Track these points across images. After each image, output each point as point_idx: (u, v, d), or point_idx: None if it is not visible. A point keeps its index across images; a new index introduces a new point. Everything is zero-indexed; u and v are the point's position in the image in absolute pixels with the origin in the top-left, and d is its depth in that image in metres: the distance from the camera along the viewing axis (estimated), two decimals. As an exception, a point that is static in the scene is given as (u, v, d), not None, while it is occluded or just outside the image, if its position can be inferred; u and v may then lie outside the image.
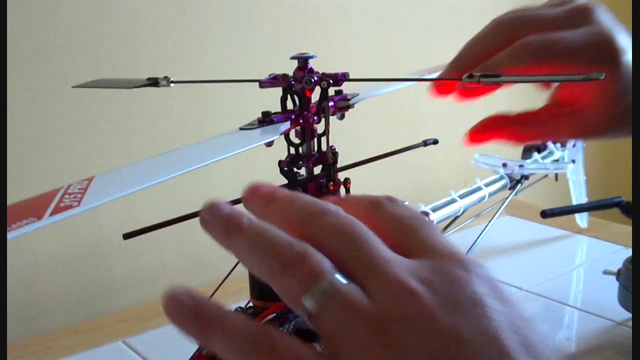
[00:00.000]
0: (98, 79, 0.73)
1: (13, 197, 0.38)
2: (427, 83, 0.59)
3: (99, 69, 0.87)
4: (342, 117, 0.57)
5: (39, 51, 0.83)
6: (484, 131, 0.52)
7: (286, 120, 0.52)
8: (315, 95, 0.54)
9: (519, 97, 1.37)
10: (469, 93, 0.53)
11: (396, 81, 0.65)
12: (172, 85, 0.60)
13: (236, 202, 0.50)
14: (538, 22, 0.50)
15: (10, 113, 0.81)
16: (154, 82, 0.60)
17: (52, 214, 0.35)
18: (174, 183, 0.95)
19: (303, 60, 0.54)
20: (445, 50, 1.34)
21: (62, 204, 0.36)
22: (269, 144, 0.49)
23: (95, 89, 0.86)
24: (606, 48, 0.47)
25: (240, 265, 0.57)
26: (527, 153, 0.89)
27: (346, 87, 0.57)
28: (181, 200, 0.96)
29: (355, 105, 0.58)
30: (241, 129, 0.50)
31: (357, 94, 0.58)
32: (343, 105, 0.56)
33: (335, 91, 0.56)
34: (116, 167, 0.46)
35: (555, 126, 0.50)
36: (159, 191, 0.94)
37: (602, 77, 0.41)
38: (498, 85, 0.45)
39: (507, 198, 0.78)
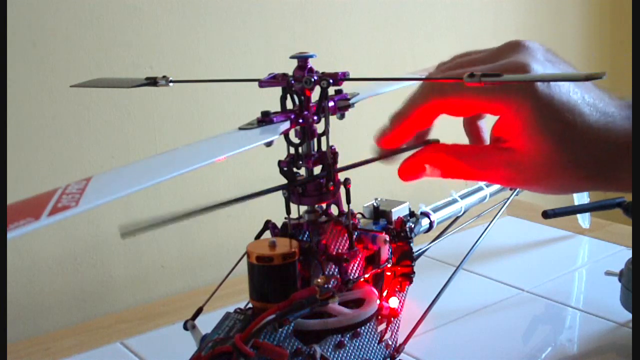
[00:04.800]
0: (96, 79, 0.72)
1: (13, 197, 0.38)
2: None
3: (98, 69, 0.87)
4: (342, 116, 0.57)
5: (38, 51, 0.83)
6: (416, 166, 0.49)
7: (285, 120, 0.51)
8: (315, 95, 0.54)
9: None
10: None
11: (396, 80, 0.64)
12: (170, 84, 0.59)
13: (232, 202, 0.50)
14: (468, 63, 0.48)
15: (9, 113, 0.80)
16: (152, 82, 0.60)
17: (49, 214, 0.34)
18: (173, 183, 0.94)
19: (303, 60, 0.53)
20: (446, 50, 1.33)
21: (59, 204, 0.35)
22: (268, 144, 0.49)
23: (94, 88, 0.86)
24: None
25: (239, 265, 0.57)
26: None
27: (346, 87, 0.56)
28: (181, 201, 0.95)
29: (355, 104, 0.57)
30: (240, 128, 0.50)
31: (357, 94, 0.58)
32: (343, 104, 0.56)
33: (335, 91, 0.56)
34: (116, 167, 0.45)
35: (490, 163, 0.45)
36: (158, 191, 0.94)
37: (604, 77, 0.41)
38: (499, 83, 0.44)
39: (508, 198, 0.78)
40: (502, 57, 0.46)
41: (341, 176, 0.56)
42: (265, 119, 0.51)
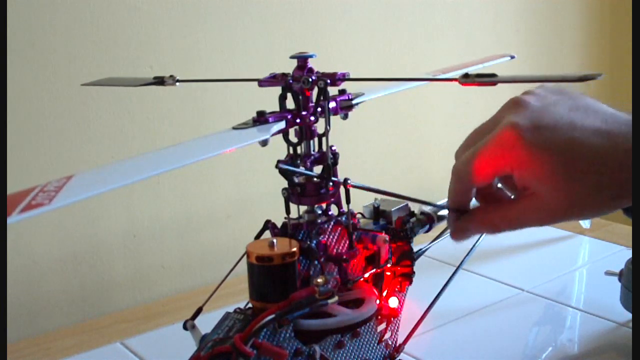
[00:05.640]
0: (106, 78, 0.73)
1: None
2: (431, 83, 0.59)
3: (99, 69, 0.87)
4: (345, 116, 0.57)
5: (38, 51, 0.83)
6: (465, 229, 0.52)
7: (281, 120, 0.51)
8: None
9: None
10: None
11: (396, 81, 0.64)
12: (177, 84, 0.60)
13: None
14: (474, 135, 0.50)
15: (9, 113, 0.80)
16: (160, 81, 0.60)
17: (21, 211, 0.35)
18: (174, 183, 0.94)
19: (302, 60, 0.53)
20: (446, 50, 1.34)
21: (33, 202, 0.36)
22: (263, 144, 0.49)
23: (95, 89, 0.86)
24: (507, 139, 0.45)
25: (239, 265, 0.57)
26: None
27: (351, 87, 0.56)
28: (181, 201, 0.95)
29: (359, 105, 0.57)
30: (234, 128, 0.50)
31: (362, 94, 0.58)
32: (346, 105, 0.56)
33: (338, 91, 0.56)
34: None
35: (523, 212, 0.48)
36: (159, 192, 0.94)
37: (601, 77, 0.41)
38: (493, 84, 0.44)
39: (508, 198, 0.78)
40: (499, 119, 0.47)
41: (341, 176, 0.56)
42: (260, 118, 0.51)
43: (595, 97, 0.47)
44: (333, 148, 0.55)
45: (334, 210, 0.56)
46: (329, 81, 0.52)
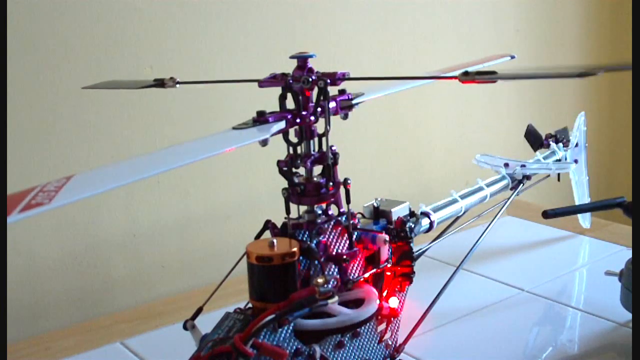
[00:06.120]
0: (106, 81, 0.73)
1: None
2: (431, 83, 0.59)
3: (99, 69, 0.87)
4: (345, 117, 0.57)
5: (38, 51, 0.83)
6: None
7: (281, 120, 0.51)
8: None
9: (519, 96, 1.37)
10: None
11: (396, 80, 0.64)
12: (177, 86, 0.60)
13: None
14: None
15: (9, 114, 0.80)
16: (160, 83, 0.60)
17: (21, 210, 0.35)
18: (174, 183, 0.94)
19: (302, 60, 0.54)
20: (446, 50, 1.33)
21: (33, 202, 0.36)
22: (264, 143, 0.49)
23: (94, 90, 0.86)
24: None
25: (239, 265, 0.57)
26: (537, 144, 0.88)
27: (351, 87, 0.56)
28: (181, 201, 0.95)
29: (359, 105, 0.57)
30: (234, 128, 0.50)
31: (362, 94, 0.58)
32: (346, 105, 0.56)
33: (338, 91, 0.56)
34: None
35: None
36: (159, 192, 0.94)
37: (600, 72, 0.41)
38: (493, 81, 0.44)
39: (508, 198, 0.78)
40: None
41: (341, 176, 0.56)
42: (260, 118, 0.51)
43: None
44: (333, 148, 0.55)
45: (334, 210, 0.56)
46: (329, 81, 0.52)
